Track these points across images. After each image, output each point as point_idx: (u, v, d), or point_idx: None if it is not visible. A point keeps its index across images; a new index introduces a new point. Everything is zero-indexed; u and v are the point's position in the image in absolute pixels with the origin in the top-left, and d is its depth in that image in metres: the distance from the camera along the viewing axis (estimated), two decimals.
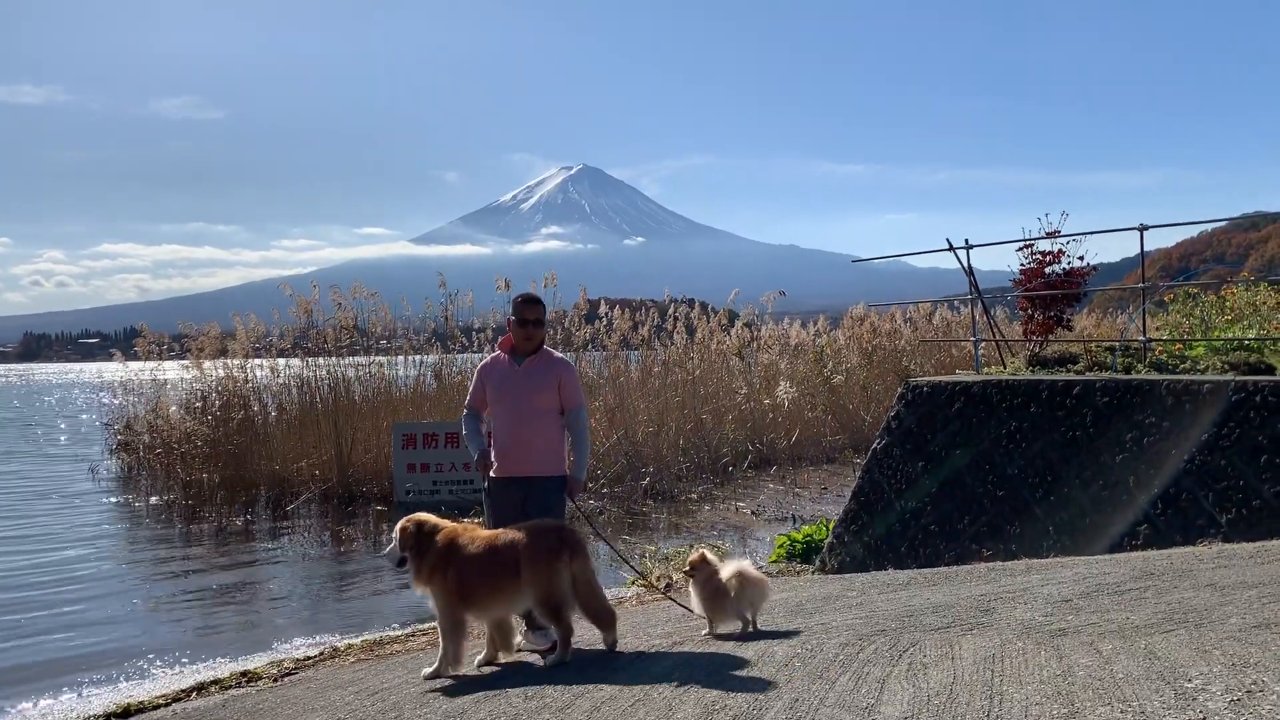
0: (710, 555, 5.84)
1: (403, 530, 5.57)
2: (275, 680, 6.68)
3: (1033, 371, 9.83)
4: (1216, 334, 10.75)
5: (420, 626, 8.52)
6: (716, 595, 5.67)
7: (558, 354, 6.32)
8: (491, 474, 6.07)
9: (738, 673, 4.90)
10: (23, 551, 12.91)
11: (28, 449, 27.60)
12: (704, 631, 5.76)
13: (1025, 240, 10.83)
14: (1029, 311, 10.95)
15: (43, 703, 7.21)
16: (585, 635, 6.32)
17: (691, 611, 5.97)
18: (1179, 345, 10.18)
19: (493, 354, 6.37)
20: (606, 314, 18.84)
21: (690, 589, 5.88)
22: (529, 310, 6.14)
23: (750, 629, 5.72)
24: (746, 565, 5.76)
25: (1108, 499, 7.79)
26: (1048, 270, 10.72)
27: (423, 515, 5.72)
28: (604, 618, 5.67)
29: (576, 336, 18.26)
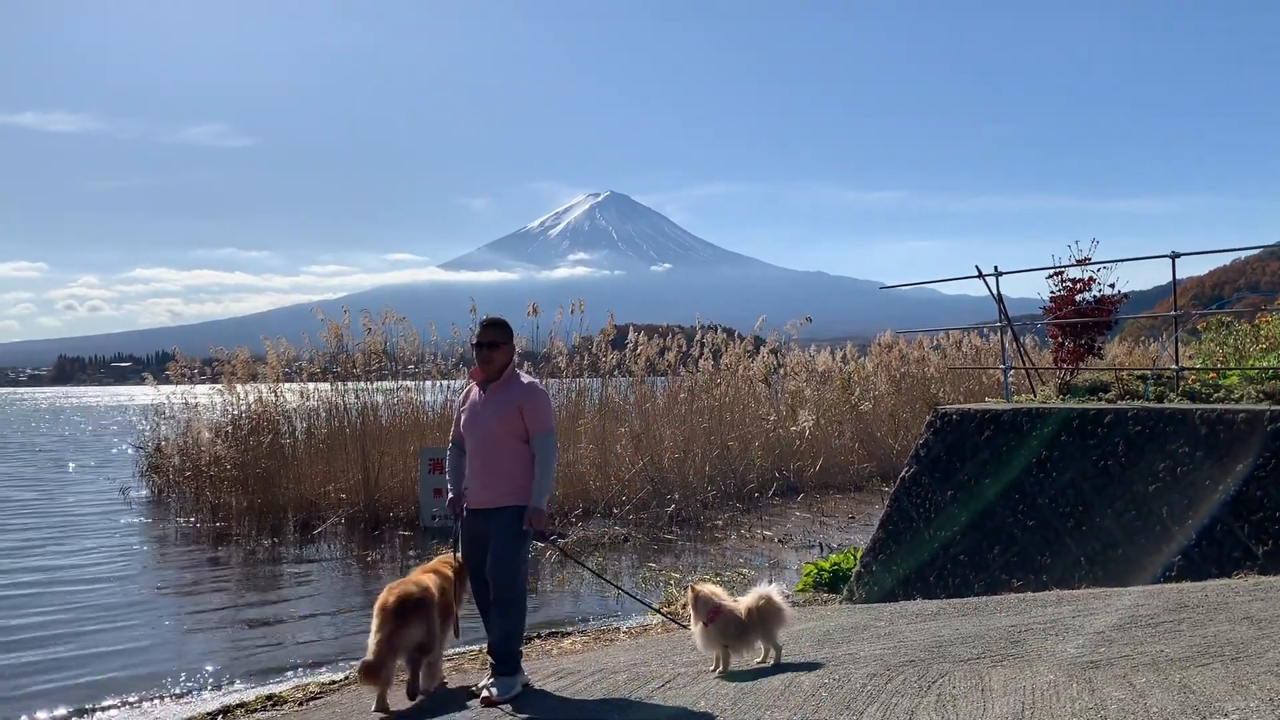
0: (704, 588, 5.73)
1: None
2: (300, 705, 6.68)
3: (1063, 400, 9.73)
4: (1251, 363, 10.60)
5: (444, 654, 8.49)
6: (722, 627, 5.56)
7: (526, 379, 6.05)
8: (464, 504, 5.92)
9: (764, 702, 4.86)
10: (52, 573, 13.03)
11: (60, 471, 27.92)
12: (712, 669, 5.63)
13: (1055, 267, 10.74)
14: (1059, 339, 10.85)
15: None
16: (618, 661, 6.29)
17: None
18: (1212, 374, 10.06)
19: (469, 384, 6.19)
20: (633, 340, 18.85)
21: (692, 626, 5.75)
22: (484, 334, 5.99)
23: (769, 660, 5.63)
24: (769, 590, 5.67)
25: (1141, 529, 7.68)
26: (1078, 298, 10.62)
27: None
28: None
29: (603, 362, 18.27)
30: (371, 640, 5.62)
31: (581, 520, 15.28)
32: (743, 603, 5.65)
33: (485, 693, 5.65)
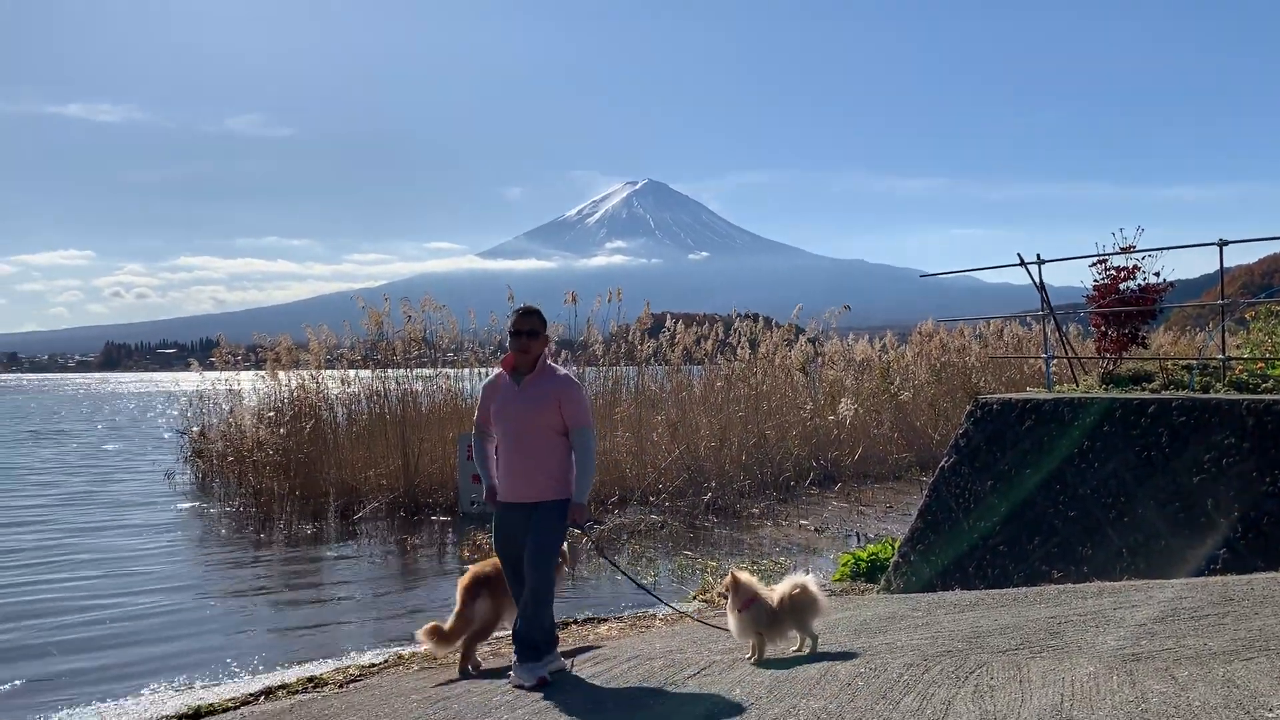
0: (742, 575, 5.73)
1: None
2: (341, 686, 6.78)
3: (1106, 389, 9.61)
4: None
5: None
6: (756, 615, 5.56)
7: (561, 371, 5.99)
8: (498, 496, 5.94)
9: (800, 690, 4.86)
10: (98, 556, 13.30)
11: (106, 456, 28.46)
12: (747, 657, 5.64)
13: (1099, 255, 10.60)
14: (1102, 328, 10.71)
15: (117, 703, 7.40)
16: (654, 648, 6.32)
17: (727, 631, 5.85)
18: (1260, 364, 9.87)
19: (496, 371, 6.11)
20: (670, 328, 18.84)
21: (729, 613, 5.75)
22: (521, 321, 5.88)
23: (805, 649, 5.63)
24: (804, 580, 5.66)
25: (1185, 521, 7.57)
26: (1122, 286, 10.47)
27: None
28: None
29: (640, 351, 18.29)
30: (452, 613, 6.31)
31: (618, 508, 15.33)
32: (777, 591, 5.64)
33: (514, 677, 5.73)
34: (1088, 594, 6.67)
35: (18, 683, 7.93)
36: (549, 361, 5.98)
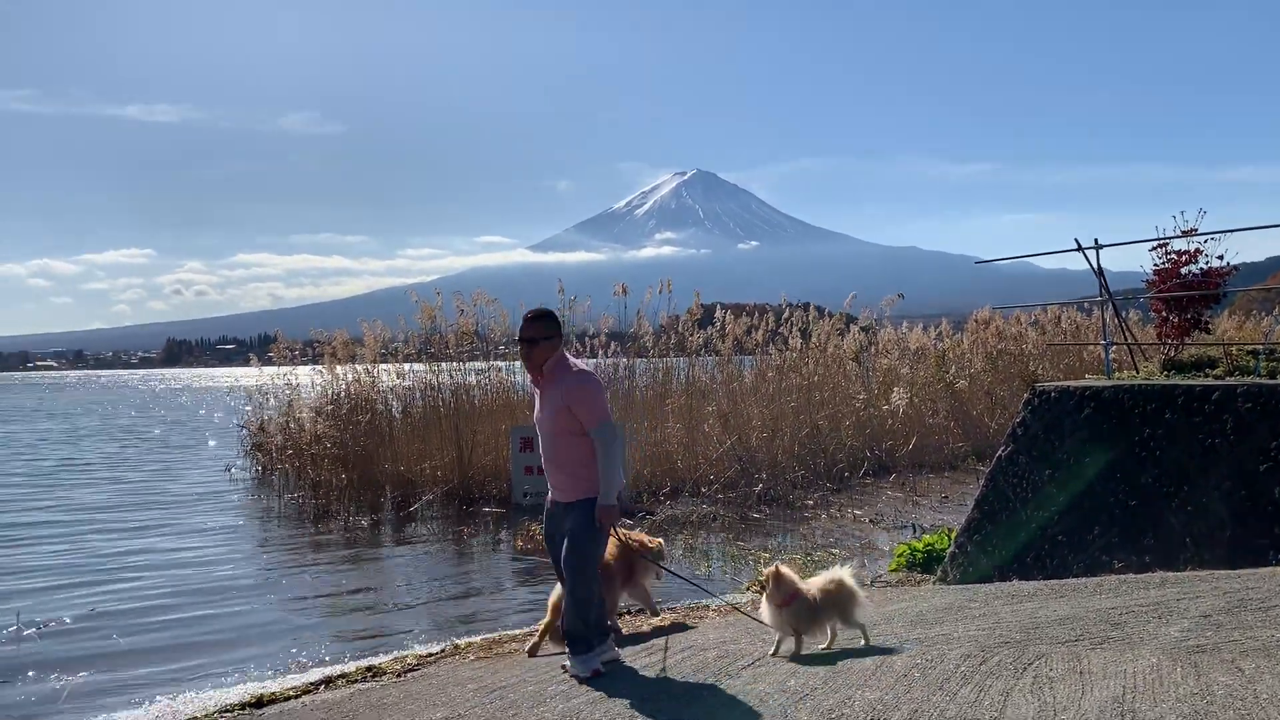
0: (786, 570, 5.67)
1: None
2: (399, 675, 6.88)
3: (1167, 376, 9.40)
4: None
5: (538, 627, 8.65)
6: (797, 610, 5.51)
7: (575, 368, 5.84)
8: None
9: (855, 681, 4.83)
10: (161, 548, 13.63)
11: (169, 450, 29.13)
12: (783, 650, 5.58)
13: (1159, 239, 10.36)
14: (1163, 314, 10.48)
15: (182, 691, 7.59)
16: (708, 639, 6.33)
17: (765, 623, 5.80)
18: None
19: None
20: (720, 319, 18.79)
21: (764, 605, 5.68)
22: (523, 329, 5.85)
23: (860, 640, 5.56)
24: (840, 574, 5.58)
25: (1250, 510, 7.40)
26: (1184, 270, 10.23)
27: None
28: None
29: (690, 342, 18.27)
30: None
31: (670, 499, 15.34)
32: (814, 585, 5.57)
33: (568, 668, 5.82)
34: (1150, 584, 6.55)
35: (85, 674, 8.16)
36: (567, 359, 5.89)
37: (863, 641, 5.55)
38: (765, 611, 5.65)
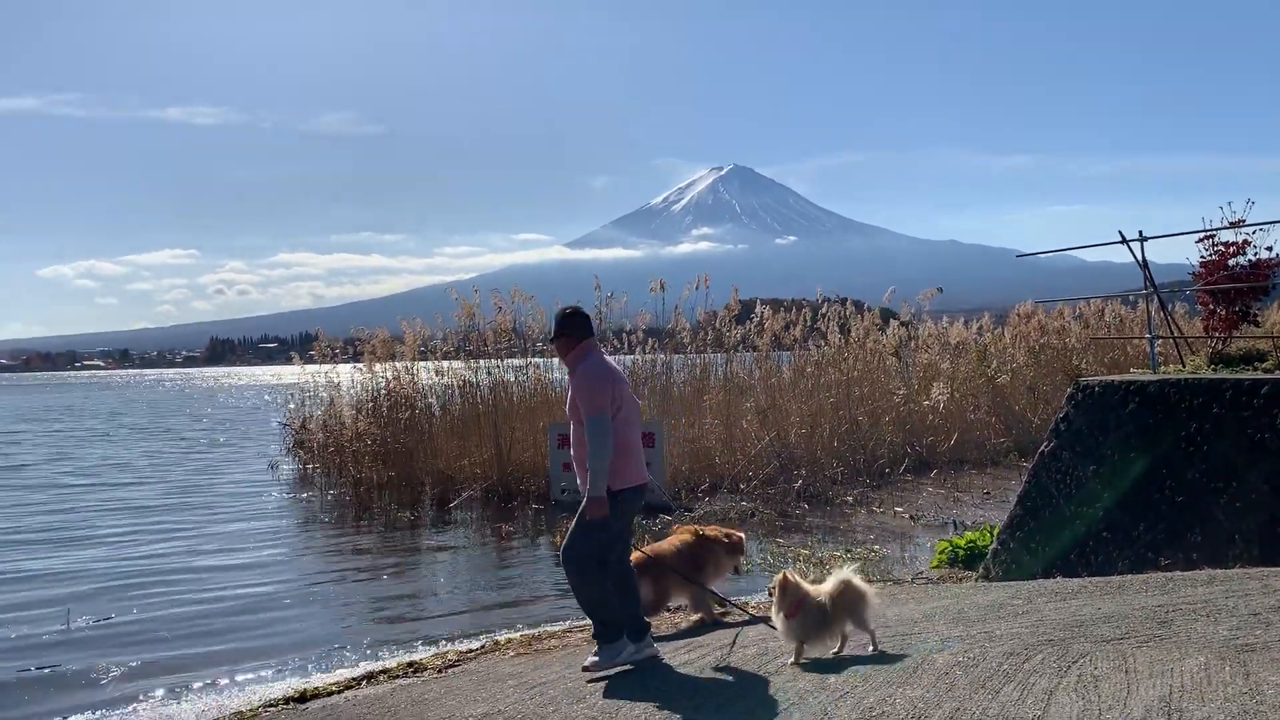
0: (792, 578, 5.56)
1: None
2: (439, 671, 6.93)
3: (1214, 370, 9.23)
4: None
5: (577, 623, 8.67)
6: (804, 619, 5.41)
7: (584, 363, 5.94)
8: None
9: (896, 679, 4.80)
10: (205, 543, 13.82)
11: (213, 448, 29.56)
12: (789, 660, 5.48)
13: (1206, 230, 10.18)
14: (1210, 306, 10.29)
15: (225, 686, 7.70)
16: (747, 635, 6.31)
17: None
18: None
19: None
20: (758, 314, 18.71)
21: (773, 613, 5.60)
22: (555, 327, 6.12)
23: (868, 647, 5.40)
24: (848, 575, 5.45)
25: None
26: (1231, 262, 10.04)
27: None
28: None
29: (727, 338, 18.22)
30: None
31: (707, 495, 15.32)
32: (823, 591, 5.44)
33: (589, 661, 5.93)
34: (1197, 581, 6.44)
35: (130, 666, 8.30)
36: (586, 355, 5.97)
37: (871, 649, 5.38)
38: (777, 621, 5.56)
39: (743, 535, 7.48)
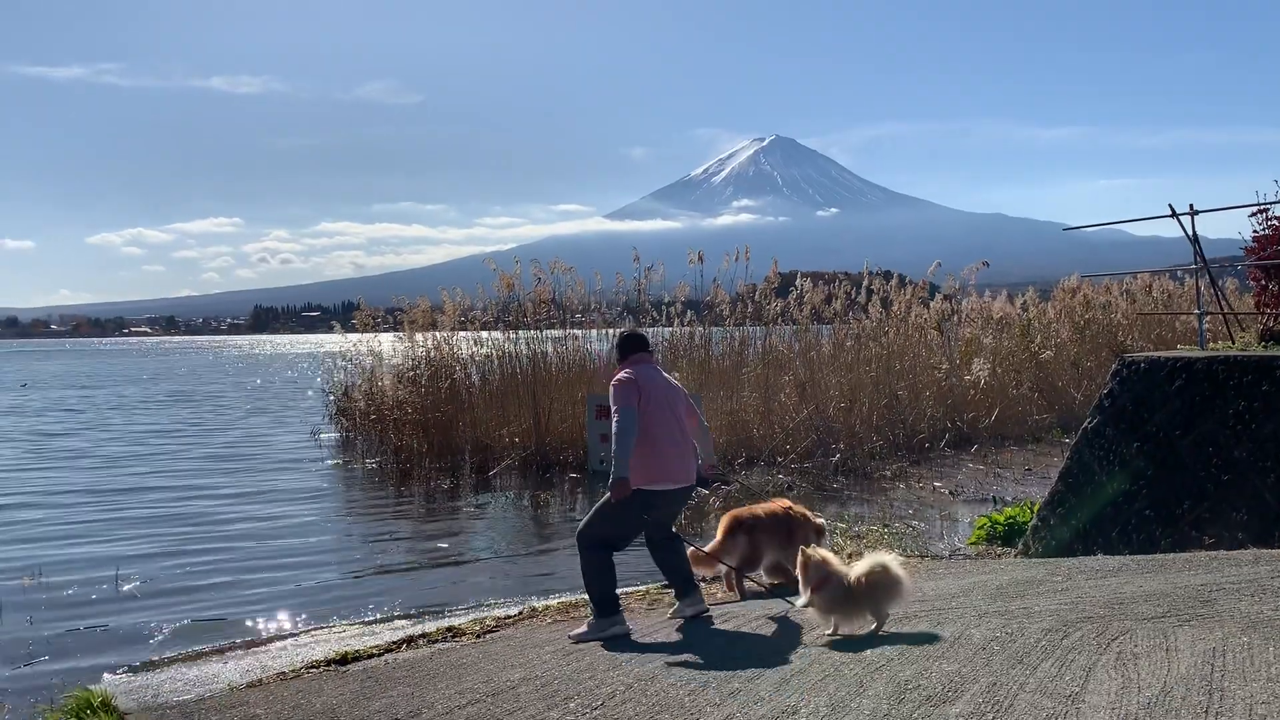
0: (816, 553, 5.54)
1: None
2: (478, 636, 7.02)
3: (1265, 348, 9.05)
4: None
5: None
6: (831, 597, 5.38)
7: (621, 368, 6.59)
8: None
9: (932, 653, 4.79)
10: (249, 509, 14.07)
11: (257, 414, 30.02)
12: (827, 632, 5.46)
13: (1259, 205, 9.95)
14: (1262, 282, 10.07)
15: (269, 646, 7.85)
16: (782, 607, 6.33)
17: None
18: None
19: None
20: (798, 287, 18.59)
21: (800, 589, 5.58)
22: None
23: (876, 630, 5.33)
24: (885, 559, 5.37)
25: None
26: None
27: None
28: None
29: (767, 310, 18.13)
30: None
31: (745, 468, 15.32)
32: (855, 570, 5.37)
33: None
34: (1242, 561, 6.35)
35: (181, 622, 8.50)
36: (627, 363, 6.58)
37: (873, 627, 5.32)
38: (804, 597, 5.53)
39: (823, 522, 7.63)
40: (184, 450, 20.97)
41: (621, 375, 6.40)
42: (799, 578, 5.57)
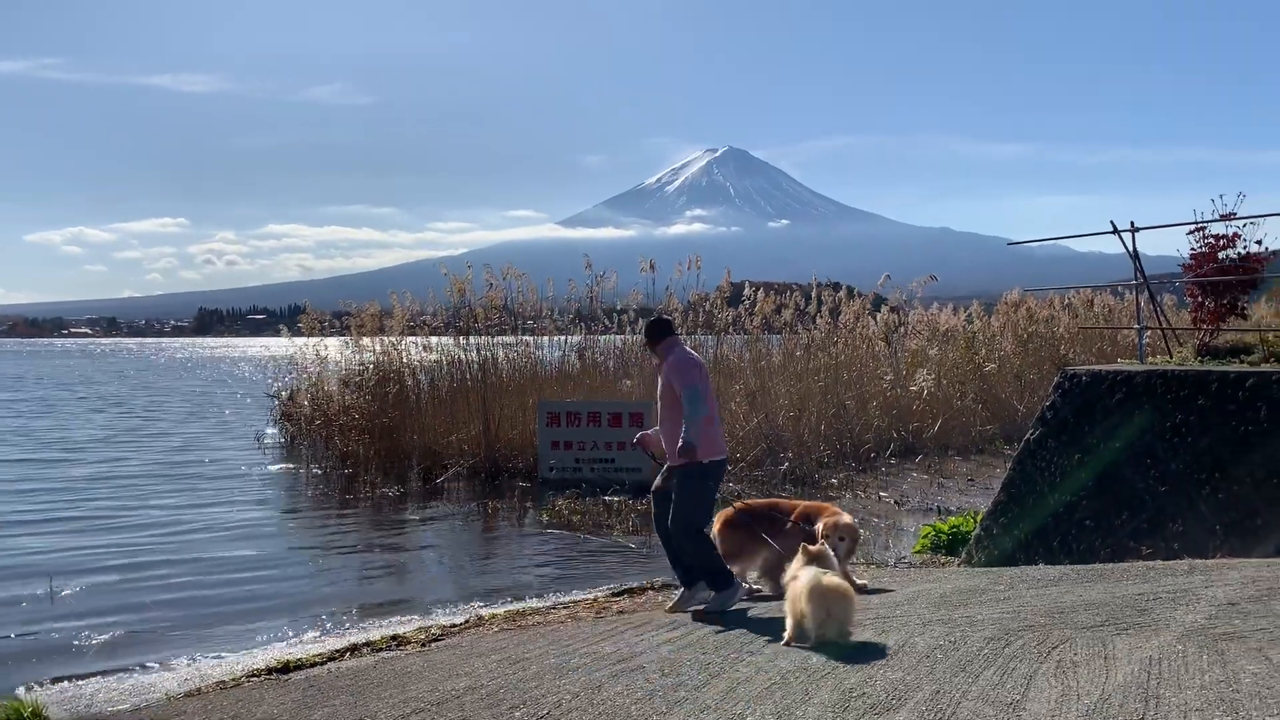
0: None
1: None
2: (423, 645, 6.95)
3: (1201, 362, 9.28)
4: None
5: (561, 600, 8.71)
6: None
7: (674, 351, 6.91)
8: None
9: (877, 661, 4.83)
10: (190, 515, 13.77)
11: (199, 418, 29.47)
12: (779, 641, 5.47)
13: (1197, 223, 10.20)
14: (1199, 299, 10.32)
15: (209, 656, 7.69)
16: (726, 619, 6.35)
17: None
18: None
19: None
20: (749, 297, 18.70)
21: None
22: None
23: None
24: (820, 576, 5.35)
25: None
26: (1221, 255, 10.07)
27: None
28: None
29: (718, 320, 18.20)
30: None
31: None
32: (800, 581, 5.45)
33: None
34: (1178, 571, 6.50)
35: (116, 632, 8.29)
36: (673, 345, 6.95)
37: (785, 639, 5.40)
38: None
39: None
40: (123, 458, 20.50)
41: (694, 355, 6.97)
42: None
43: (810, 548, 5.71)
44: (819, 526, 6.81)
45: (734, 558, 7.05)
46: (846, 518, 6.92)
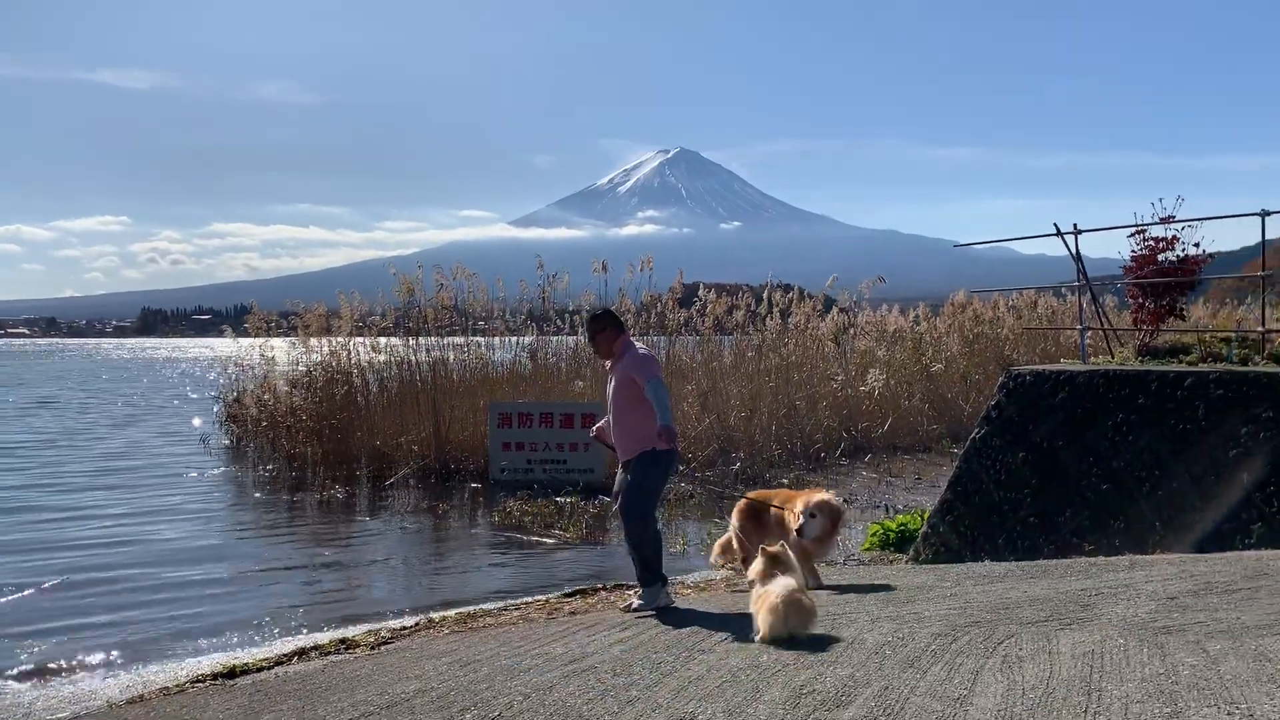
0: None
1: None
2: (373, 648, 6.87)
3: (1142, 362, 9.49)
4: None
5: (513, 602, 8.67)
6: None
7: (631, 350, 7.01)
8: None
9: (827, 658, 4.87)
10: (135, 519, 13.52)
11: (142, 420, 28.90)
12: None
13: (1137, 226, 10.44)
14: (1139, 300, 10.57)
15: (153, 662, 7.55)
16: (677, 616, 6.36)
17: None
18: None
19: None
20: (702, 298, 18.77)
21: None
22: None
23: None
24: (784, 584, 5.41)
25: (1220, 495, 7.49)
26: (1160, 257, 10.32)
27: None
28: None
29: (671, 321, 18.25)
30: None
31: None
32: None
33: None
34: (1119, 566, 6.64)
35: (57, 639, 8.10)
36: (628, 343, 7.07)
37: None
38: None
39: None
40: (62, 460, 20.04)
41: (647, 351, 7.11)
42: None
43: (769, 548, 5.73)
44: (797, 506, 6.87)
45: (752, 540, 7.08)
46: (824, 494, 6.97)
